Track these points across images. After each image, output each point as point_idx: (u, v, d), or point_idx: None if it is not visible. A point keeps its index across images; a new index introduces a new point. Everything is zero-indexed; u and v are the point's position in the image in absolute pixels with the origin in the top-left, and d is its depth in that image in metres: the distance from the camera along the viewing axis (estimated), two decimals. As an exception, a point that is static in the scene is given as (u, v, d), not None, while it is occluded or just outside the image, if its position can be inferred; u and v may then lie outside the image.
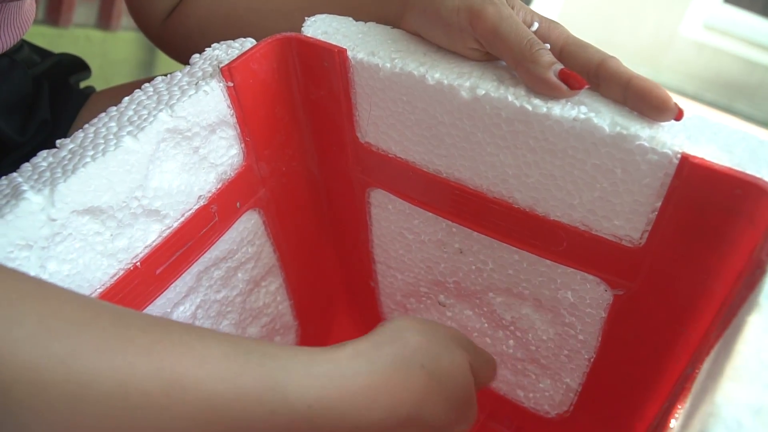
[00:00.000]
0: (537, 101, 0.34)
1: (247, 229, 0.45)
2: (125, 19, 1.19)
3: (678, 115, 0.32)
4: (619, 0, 2.98)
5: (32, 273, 0.32)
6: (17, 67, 0.48)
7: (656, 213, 0.33)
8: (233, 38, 0.41)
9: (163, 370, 0.26)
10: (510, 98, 0.35)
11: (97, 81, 0.57)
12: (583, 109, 0.33)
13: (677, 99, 0.32)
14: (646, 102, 0.32)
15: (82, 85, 0.56)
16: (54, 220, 0.33)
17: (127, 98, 0.38)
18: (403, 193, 0.43)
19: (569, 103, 0.34)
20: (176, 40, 0.53)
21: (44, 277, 0.33)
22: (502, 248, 0.41)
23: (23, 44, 0.52)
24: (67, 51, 0.55)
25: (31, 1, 0.50)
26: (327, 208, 0.49)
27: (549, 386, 0.46)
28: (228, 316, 0.46)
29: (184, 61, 0.57)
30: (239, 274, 0.46)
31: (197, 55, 0.41)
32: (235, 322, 0.47)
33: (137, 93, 0.38)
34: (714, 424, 0.22)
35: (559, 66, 0.34)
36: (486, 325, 0.47)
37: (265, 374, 0.28)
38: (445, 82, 0.36)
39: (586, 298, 0.40)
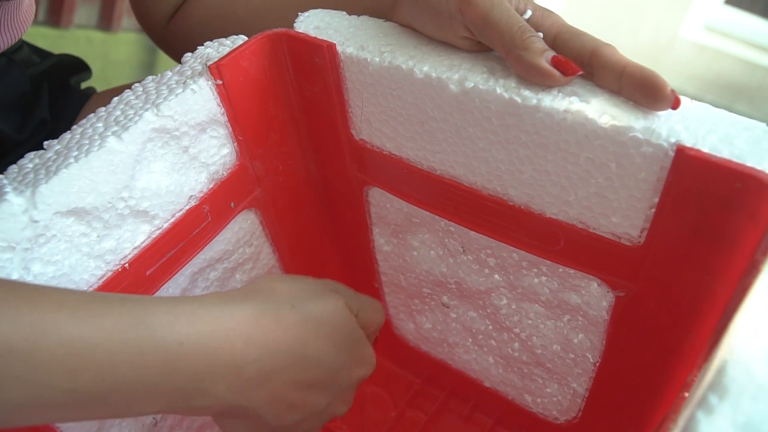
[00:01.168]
0: (527, 93, 0.33)
1: (243, 230, 0.44)
2: (126, 21, 1.20)
3: (674, 103, 0.30)
4: (620, 2, 2.96)
5: (15, 275, 0.32)
6: (15, 67, 0.49)
7: (654, 209, 0.31)
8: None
9: (20, 316, 0.25)
10: (499, 90, 0.33)
11: (98, 82, 0.57)
12: (575, 99, 0.32)
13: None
14: (641, 90, 0.30)
15: (83, 85, 0.57)
16: (36, 221, 0.32)
17: (116, 98, 0.38)
18: (400, 192, 0.42)
19: (560, 94, 0.32)
20: (178, 41, 0.53)
21: (29, 279, 0.33)
22: (501, 248, 0.40)
23: (23, 45, 0.52)
24: (68, 52, 0.56)
25: (30, 1, 0.50)
26: (327, 207, 0.48)
27: (556, 391, 0.44)
28: (227, 318, 0.46)
29: None
30: (237, 276, 0.45)
31: (189, 54, 0.40)
32: (235, 324, 0.46)
33: (126, 93, 0.38)
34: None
35: (552, 53, 0.32)
36: (491, 327, 0.45)
37: (126, 312, 0.27)
38: (434, 75, 0.35)
39: (588, 299, 0.38)
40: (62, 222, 0.34)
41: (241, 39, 0.40)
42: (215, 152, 0.40)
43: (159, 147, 0.37)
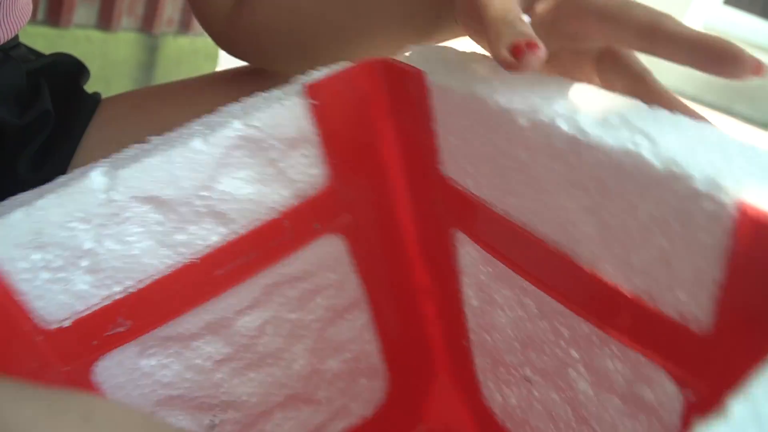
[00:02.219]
0: (588, 129, 0.28)
1: (327, 254, 0.44)
2: (126, 20, 1.20)
3: (756, 70, 0.25)
4: (621, 1, 2.78)
5: (87, 245, 0.36)
6: (10, 61, 0.50)
7: (719, 286, 0.24)
8: (298, 32, 0.42)
9: None
10: (562, 124, 0.29)
11: (98, 82, 0.57)
12: (638, 138, 0.26)
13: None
14: (715, 62, 0.27)
15: (84, 88, 0.57)
16: (113, 200, 0.36)
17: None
18: (478, 238, 0.38)
19: (625, 131, 0.27)
20: (241, 37, 0.52)
21: (100, 252, 0.36)
22: (570, 316, 0.34)
23: (20, 44, 0.54)
24: (67, 52, 0.57)
25: None
26: (419, 249, 0.45)
27: None
28: (303, 341, 0.45)
29: (251, 60, 0.56)
30: (318, 299, 0.45)
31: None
32: (311, 349, 0.46)
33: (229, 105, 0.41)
34: None
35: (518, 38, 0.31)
36: (570, 413, 0.38)
37: None
38: (504, 105, 0.32)
39: (661, 398, 0.30)
40: (139, 207, 0.37)
41: (342, 64, 0.41)
42: (304, 170, 0.41)
43: (246, 155, 0.39)
